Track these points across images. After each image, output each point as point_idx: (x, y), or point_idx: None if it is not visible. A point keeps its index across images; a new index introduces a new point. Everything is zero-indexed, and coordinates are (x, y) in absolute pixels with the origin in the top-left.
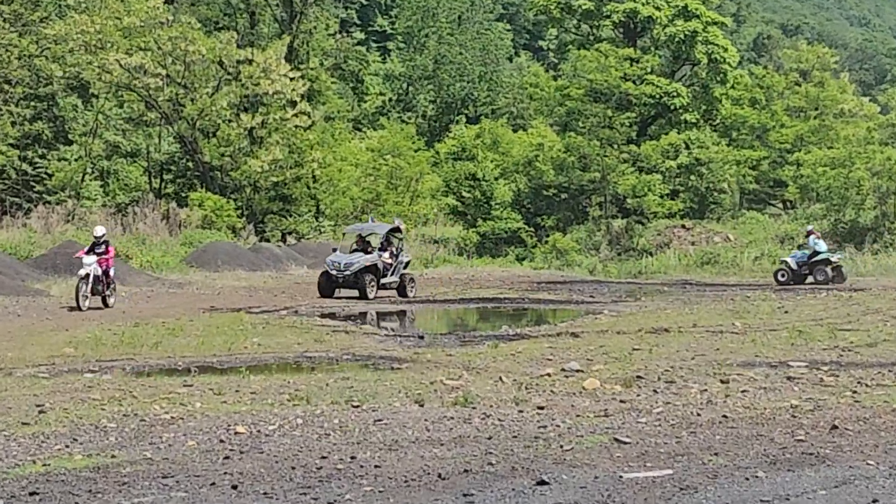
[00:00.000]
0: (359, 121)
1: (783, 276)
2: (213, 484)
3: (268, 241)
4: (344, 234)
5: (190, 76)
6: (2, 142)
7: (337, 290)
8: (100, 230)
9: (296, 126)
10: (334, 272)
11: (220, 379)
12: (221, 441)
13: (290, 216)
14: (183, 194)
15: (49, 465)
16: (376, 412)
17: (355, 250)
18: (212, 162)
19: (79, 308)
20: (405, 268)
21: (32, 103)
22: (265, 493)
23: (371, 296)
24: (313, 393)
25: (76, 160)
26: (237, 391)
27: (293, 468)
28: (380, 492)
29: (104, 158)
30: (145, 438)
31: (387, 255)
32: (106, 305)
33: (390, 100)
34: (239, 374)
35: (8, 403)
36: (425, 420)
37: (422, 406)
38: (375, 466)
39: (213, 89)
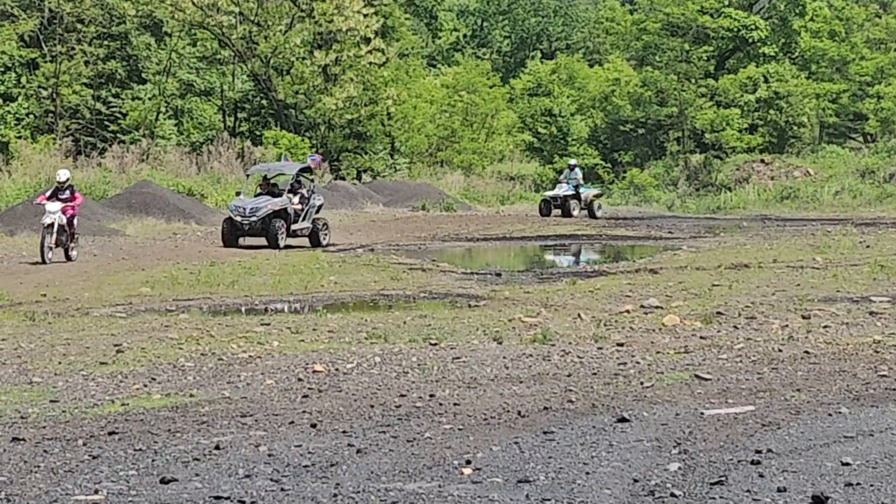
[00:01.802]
0: (433, 57)
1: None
2: (292, 423)
3: (343, 178)
4: (248, 175)
5: (263, 13)
6: (76, 81)
7: (242, 238)
8: (63, 174)
9: (370, 63)
10: (239, 218)
11: (298, 317)
12: (299, 380)
13: (365, 154)
14: (257, 133)
15: (127, 404)
16: (454, 350)
17: (260, 194)
18: (286, 100)
19: (43, 261)
20: (317, 212)
21: (105, 42)
22: (344, 432)
23: (282, 244)
24: (391, 331)
25: (150, 99)
26: (314, 329)
27: (372, 406)
28: (459, 429)
29: (178, 97)
30: (223, 377)
31: (296, 198)
32: (68, 259)
33: (465, 36)
34: (316, 312)
35: (86, 343)
36: (504, 357)
37: (500, 343)
38: (454, 404)
39: (286, 26)
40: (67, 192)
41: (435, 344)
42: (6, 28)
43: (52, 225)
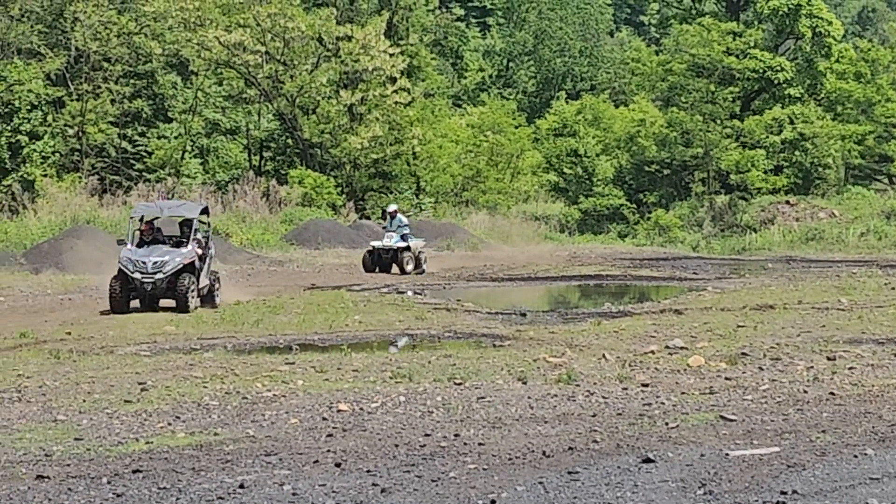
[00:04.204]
0: (459, 97)
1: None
2: (317, 462)
3: (368, 218)
4: (132, 217)
5: (289, 53)
6: (102, 120)
7: (134, 300)
8: None
9: (395, 102)
10: (138, 276)
11: (322, 356)
12: (324, 419)
13: (391, 193)
14: (283, 171)
15: (152, 442)
16: (479, 390)
17: (146, 242)
18: (311, 139)
19: None
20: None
21: (132, 81)
22: (369, 471)
23: (192, 307)
24: (415, 370)
25: (176, 138)
26: (339, 369)
27: (396, 446)
28: (484, 469)
29: (204, 136)
30: (248, 416)
31: (196, 246)
32: None
33: (490, 76)
34: (340, 351)
35: (111, 381)
36: (529, 397)
37: (525, 383)
38: (479, 444)
39: (312, 66)
40: None
41: (459, 383)
42: (33, 66)
43: None
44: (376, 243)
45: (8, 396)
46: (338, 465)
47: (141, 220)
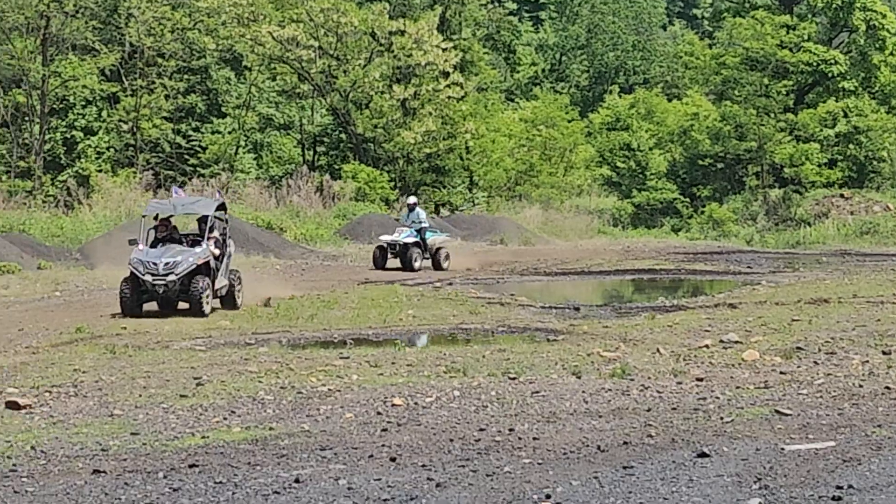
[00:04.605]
0: (511, 91)
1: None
2: (372, 456)
3: None
4: (143, 215)
5: (342, 48)
6: (156, 115)
7: (147, 303)
8: None
9: (448, 97)
10: (149, 277)
11: (376, 351)
12: (379, 413)
13: (444, 188)
14: (336, 166)
15: (208, 437)
16: (533, 384)
17: (159, 241)
18: (365, 134)
19: None
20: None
21: (186, 76)
22: (423, 466)
23: (207, 310)
24: (470, 365)
25: (229, 133)
26: (393, 363)
27: (451, 440)
28: (539, 464)
29: (257, 131)
30: (303, 411)
31: (212, 245)
32: None
33: (543, 70)
34: (395, 346)
35: (166, 376)
36: (583, 392)
37: (579, 378)
38: (534, 438)
39: (365, 61)
40: None
41: (514, 378)
42: (88, 62)
43: None
44: (385, 238)
45: (65, 391)
46: (393, 459)
47: (156, 218)
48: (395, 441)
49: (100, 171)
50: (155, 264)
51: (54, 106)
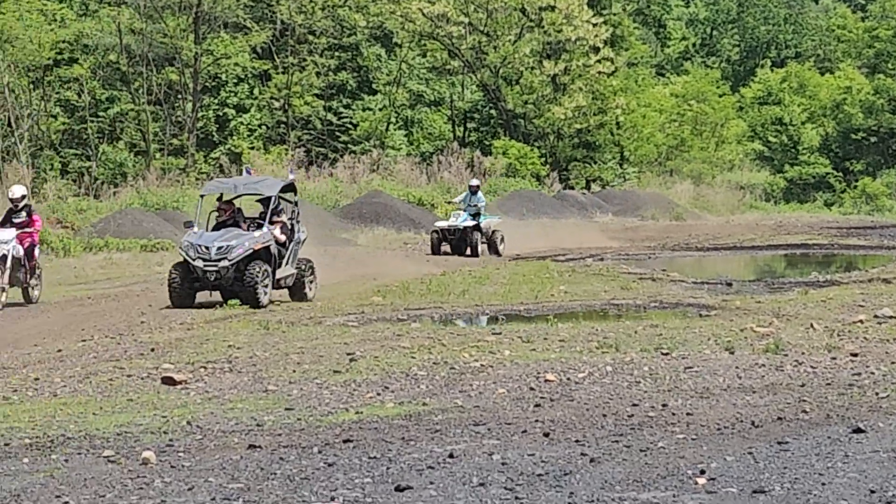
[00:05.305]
0: (662, 66)
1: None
2: (525, 431)
3: (572, 188)
4: (202, 195)
5: (492, 24)
6: (307, 92)
7: (199, 292)
8: (18, 190)
9: (599, 72)
10: (200, 263)
11: (528, 326)
12: (531, 389)
13: (594, 163)
14: (486, 142)
15: (361, 412)
16: (686, 360)
17: (220, 224)
18: (515, 109)
19: None
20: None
21: (336, 53)
22: (577, 441)
23: (264, 301)
24: (622, 340)
25: (380, 109)
26: (545, 339)
27: (604, 416)
28: (692, 439)
29: (408, 107)
30: (455, 386)
31: (278, 230)
32: (28, 300)
33: (693, 44)
34: (546, 321)
35: (319, 352)
36: (736, 367)
37: (732, 353)
38: (687, 414)
39: (515, 36)
40: (24, 214)
41: (666, 353)
42: (239, 40)
43: (3, 258)
44: (441, 224)
45: (219, 367)
46: (546, 434)
47: (220, 199)
48: (548, 416)
49: (252, 148)
50: (207, 248)
51: (206, 84)
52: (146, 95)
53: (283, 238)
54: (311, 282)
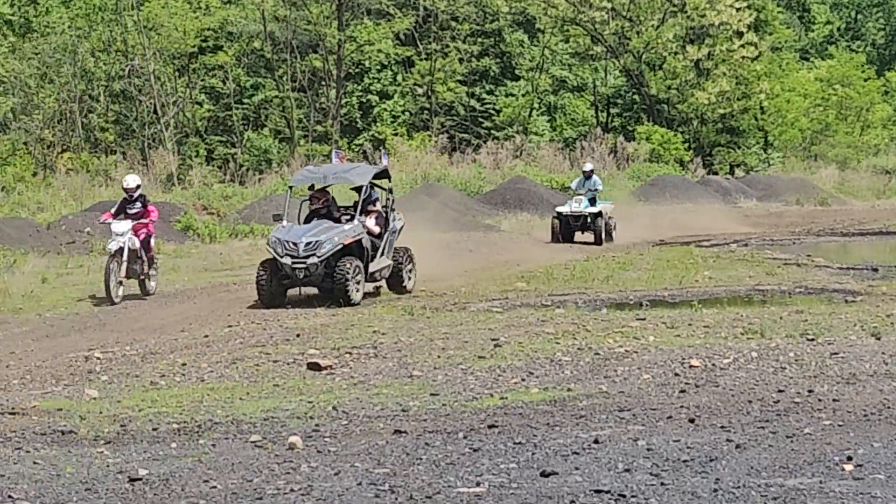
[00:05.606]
0: (806, 50)
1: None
2: (670, 417)
3: (716, 173)
4: (290, 186)
5: (635, 9)
6: (450, 78)
7: (289, 290)
8: (132, 180)
9: (742, 57)
10: (288, 260)
11: (673, 312)
12: (676, 374)
13: (738, 148)
14: (629, 128)
15: (506, 398)
16: (832, 345)
17: (312, 216)
18: (658, 95)
19: (110, 299)
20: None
21: (479, 39)
22: (722, 427)
23: (356, 298)
24: (767, 326)
25: (523, 95)
26: (690, 324)
27: (749, 402)
28: (839, 425)
29: (551, 93)
30: (600, 372)
31: (372, 220)
32: (145, 293)
33: (838, 28)
34: (691, 307)
35: (464, 337)
36: (882, 353)
37: (878, 339)
38: (833, 400)
39: (658, 21)
40: (138, 204)
41: (812, 339)
42: (382, 26)
43: (120, 251)
44: (562, 209)
45: (365, 353)
46: (691, 420)
47: (311, 188)
48: (693, 402)
49: (395, 134)
50: (295, 244)
51: (350, 70)
52: (290, 82)
53: (376, 229)
54: (409, 272)
